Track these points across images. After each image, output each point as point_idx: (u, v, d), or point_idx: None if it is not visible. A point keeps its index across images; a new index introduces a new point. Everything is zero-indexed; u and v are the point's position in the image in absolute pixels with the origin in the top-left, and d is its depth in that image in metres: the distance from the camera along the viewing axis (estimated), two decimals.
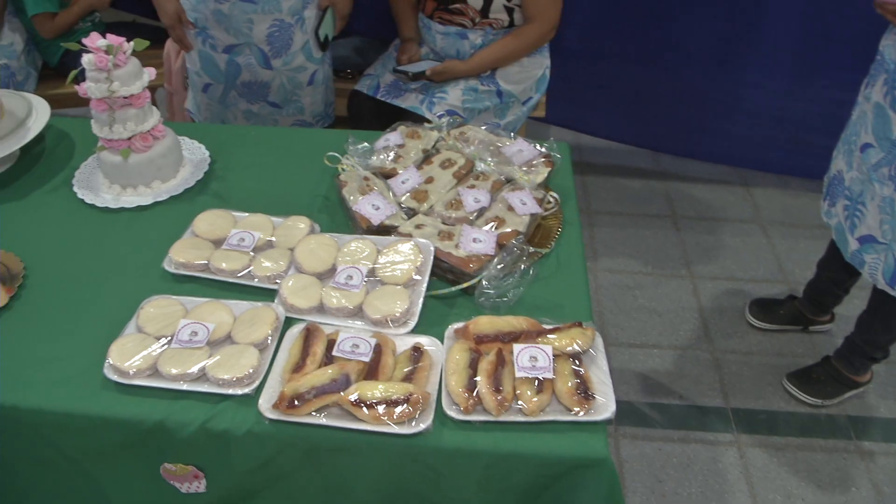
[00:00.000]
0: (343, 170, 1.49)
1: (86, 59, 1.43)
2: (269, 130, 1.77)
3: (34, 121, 1.67)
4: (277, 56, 2.13)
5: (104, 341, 1.20)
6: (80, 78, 1.48)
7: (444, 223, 1.36)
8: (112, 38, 1.43)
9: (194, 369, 1.13)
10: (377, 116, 2.42)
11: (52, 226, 1.51)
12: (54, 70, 2.98)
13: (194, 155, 1.65)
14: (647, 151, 3.22)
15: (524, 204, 1.39)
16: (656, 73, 2.85)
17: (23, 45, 2.88)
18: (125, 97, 1.45)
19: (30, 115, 1.67)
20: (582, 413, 1.08)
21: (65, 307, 1.31)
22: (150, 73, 1.50)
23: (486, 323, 1.18)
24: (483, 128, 1.59)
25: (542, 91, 2.51)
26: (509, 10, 2.25)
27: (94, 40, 1.43)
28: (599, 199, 3.00)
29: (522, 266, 1.26)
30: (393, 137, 1.56)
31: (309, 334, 1.16)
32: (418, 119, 2.23)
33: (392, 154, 1.52)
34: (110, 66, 1.42)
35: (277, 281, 1.28)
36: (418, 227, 1.34)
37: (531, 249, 1.29)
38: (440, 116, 2.23)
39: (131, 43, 1.46)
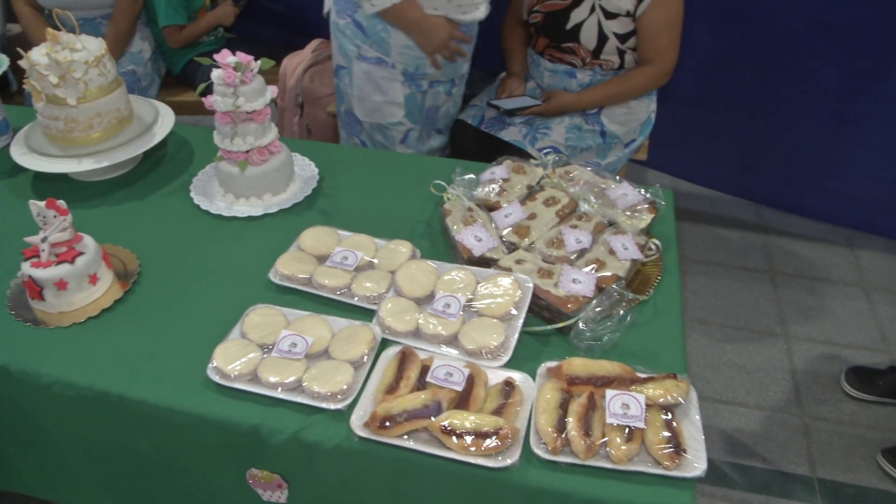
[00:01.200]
0: (448, 199, 1.51)
1: (215, 73, 1.51)
2: (377, 153, 1.82)
3: (159, 127, 1.76)
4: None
5: (208, 342, 1.25)
6: (208, 91, 1.56)
7: (544, 260, 1.37)
8: (241, 56, 1.51)
9: (291, 379, 1.16)
10: (479, 147, 2.45)
11: (168, 227, 1.59)
12: (176, 78, 3.15)
13: (304, 171, 1.71)
14: (747, 202, 3.14)
15: (626, 249, 1.37)
16: (766, 124, 2.78)
17: (150, 53, 3.05)
18: (248, 112, 1.52)
19: (156, 121, 1.77)
20: (671, 468, 1.06)
21: (174, 305, 1.38)
22: (272, 91, 1.57)
23: (579, 365, 1.17)
24: (588, 168, 1.58)
25: (646, 134, 2.49)
26: (621, 53, 2.25)
27: (225, 57, 1.51)
28: (694, 246, 2.94)
29: (621, 311, 1.25)
30: (499, 171, 1.58)
31: (404, 358, 1.18)
32: (520, 153, 2.25)
33: (497, 187, 1.54)
34: (237, 82, 1.49)
35: (376, 301, 1.31)
36: (518, 262, 1.35)
37: (630, 296, 1.28)
38: (543, 152, 2.24)
39: (258, 62, 1.53)
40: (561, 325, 1.26)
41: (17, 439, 1.42)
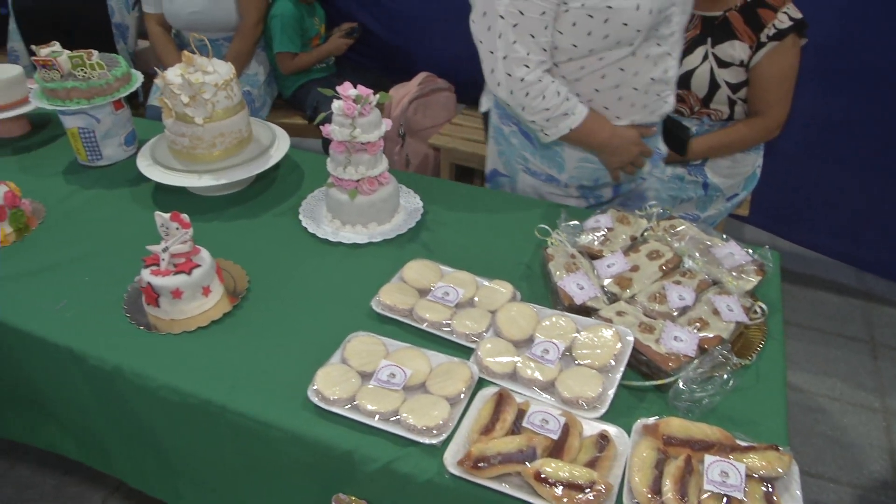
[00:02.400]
0: (551, 244, 1.52)
1: (336, 104, 1.57)
2: (481, 190, 1.84)
3: (275, 149, 1.84)
4: None
5: (309, 363, 1.29)
6: (326, 120, 1.62)
7: (645, 314, 1.35)
8: (361, 90, 1.56)
9: (388, 410, 1.18)
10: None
11: (276, 247, 1.65)
12: (286, 101, 3.28)
13: (409, 203, 1.75)
14: (850, 267, 3.02)
15: (731, 310, 1.35)
16: (877, 188, 2.68)
17: (264, 76, 3.19)
18: (363, 143, 1.57)
19: (272, 143, 1.85)
20: None
21: (278, 324, 1.43)
22: (387, 124, 1.62)
23: (677, 425, 1.15)
24: (694, 224, 1.56)
25: (750, 189, 2.44)
26: (731, 103, 2.23)
27: (347, 89, 1.56)
28: (790, 308, 2.84)
29: (724, 375, 1.22)
30: (603, 219, 1.58)
31: (501, 400, 1.18)
32: None
33: (601, 236, 1.54)
34: (356, 114, 1.54)
35: (475, 340, 1.32)
36: (619, 313, 1.34)
37: (735, 360, 1.25)
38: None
39: (377, 95, 1.58)
40: (660, 382, 1.24)
41: (121, 431, 1.49)
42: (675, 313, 1.35)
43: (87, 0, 3.13)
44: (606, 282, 1.43)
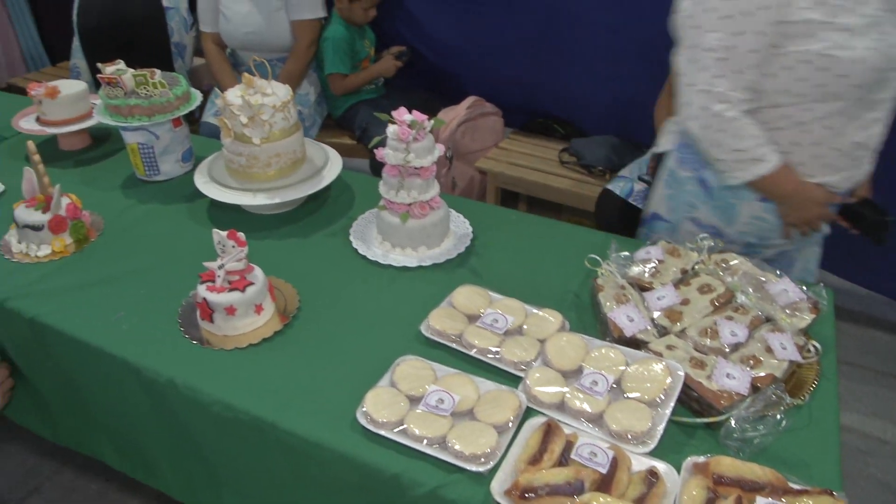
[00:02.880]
0: (601, 274, 1.52)
1: (391, 129, 1.59)
2: (530, 217, 1.85)
3: (328, 170, 1.87)
4: None
5: (358, 384, 1.30)
6: (381, 144, 1.64)
7: (696, 349, 1.34)
8: (416, 115, 1.58)
9: (437, 435, 1.19)
10: (624, 218, 2.44)
11: (327, 267, 1.67)
12: (336, 121, 3.33)
13: (459, 228, 1.76)
14: None
15: (784, 348, 1.33)
16: None
17: (315, 96, 3.24)
18: (416, 168, 1.59)
19: (325, 165, 1.88)
20: None
21: (328, 344, 1.44)
22: (440, 150, 1.63)
23: (728, 465, 1.14)
24: (749, 259, 1.55)
25: None
26: None
27: (402, 114, 1.58)
28: (843, 346, 2.76)
29: (778, 416, 1.20)
30: (654, 251, 1.57)
31: (549, 430, 1.18)
32: None
33: (651, 268, 1.53)
34: (410, 139, 1.56)
35: (523, 368, 1.32)
36: (669, 347, 1.33)
37: (788, 399, 1.23)
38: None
39: (431, 121, 1.60)
40: (711, 420, 1.23)
41: (169, 442, 1.52)
42: (727, 349, 1.34)
43: (149, 21, 3.23)
44: (656, 314, 1.42)
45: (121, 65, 1.99)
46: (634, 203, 2.36)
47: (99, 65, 1.98)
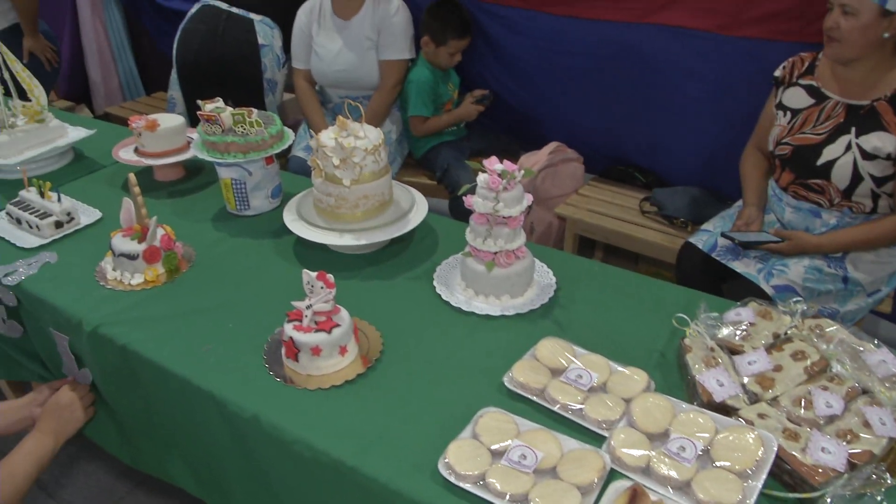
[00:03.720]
0: (690, 334, 1.49)
1: (481, 177, 1.61)
2: (614, 270, 1.83)
3: (414, 214, 1.89)
4: None
5: (439, 434, 1.30)
6: (470, 191, 1.66)
7: (789, 419, 1.29)
8: (507, 165, 1.59)
9: (519, 492, 1.17)
10: (706, 273, 2.39)
11: (410, 311, 1.68)
12: (417, 161, 3.38)
13: (542, 278, 1.75)
14: None
15: (883, 424, 1.27)
16: None
17: (397, 135, 3.31)
18: (504, 217, 1.59)
19: (412, 208, 1.91)
20: None
21: (409, 389, 1.45)
22: (528, 200, 1.64)
23: None
24: (845, 327, 1.49)
25: (893, 286, 2.32)
26: (875, 196, 2.13)
27: (493, 164, 1.60)
28: None
29: (878, 497, 1.15)
30: (744, 313, 1.53)
31: (635, 496, 1.15)
32: (752, 286, 2.17)
33: (742, 330, 1.49)
34: (500, 188, 1.57)
35: (608, 428, 1.30)
36: (761, 416, 1.29)
37: (890, 480, 1.17)
38: (776, 290, 2.15)
39: (522, 171, 1.61)
40: (805, 496, 1.18)
41: (248, 475, 1.53)
42: (822, 421, 1.29)
43: (244, 58, 3.36)
44: (746, 380, 1.38)
45: (219, 103, 2.07)
46: (718, 258, 2.32)
47: (199, 102, 2.06)
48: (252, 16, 3.39)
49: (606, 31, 2.95)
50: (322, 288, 1.47)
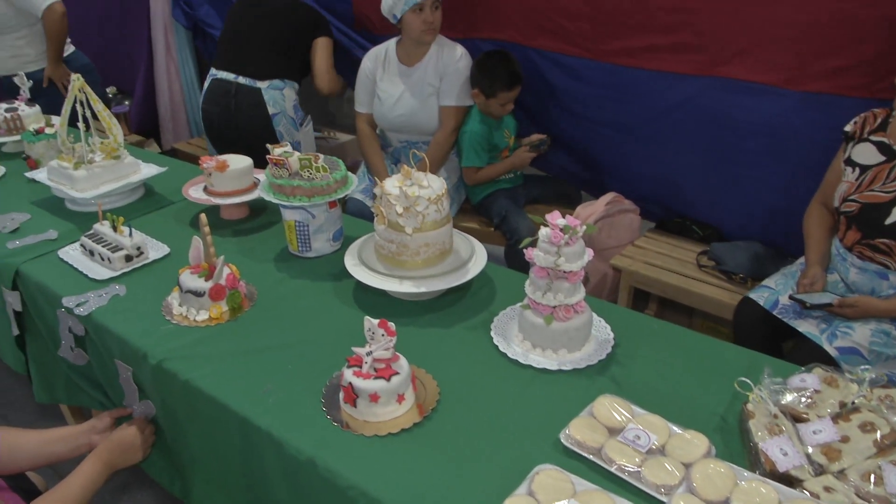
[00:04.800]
0: (752, 400, 1.46)
1: (543, 231, 1.62)
2: (673, 328, 1.80)
3: (473, 263, 1.91)
4: None
5: (495, 488, 1.30)
6: (531, 244, 1.67)
7: (857, 495, 1.25)
8: (570, 220, 1.60)
9: None
10: (765, 330, 2.35)
11: (466, 361, 1.69)
12: (473, 207, 3.41)
13: (600, 333, 1.75)
14: None
15: None
16: None
17: (454, 181, 3.35)
18: (565, 271, 1.60)
19: (471, 257, 1.92)
20: None
21: (466, 442, 1.45)
22: (589, 254, 1.64)
23: None
24: None
25: None
26: None
27: (555, 218, 1.61)
28: None
29: None
30: (809, 380, 1.50)
31: None
32: (814, 347, 2.12)
33: (807, 398, 1.45)
34: (562, 243, 1.58)
35: (666, 493, 1.28)
36: (827, 489, 1.25)
37: None
38: (840, 352, 2.09)
39: (584, 226, 1.61)
40: None
41: None
42: (894, 500, 1.24)
43: (258, 129, 3.46)
44: (812, 450, 1.35)
45: (287, 147, 2.13)
46: (780, 316, 2.27)
47: (268, 146, 2.13)
48: (258, 84, 3.45)
49: (668, 83, 2.96)
50: (383, 335, 1.49)
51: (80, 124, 2.45)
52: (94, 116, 2.47)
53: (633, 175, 3.23)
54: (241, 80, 3.44)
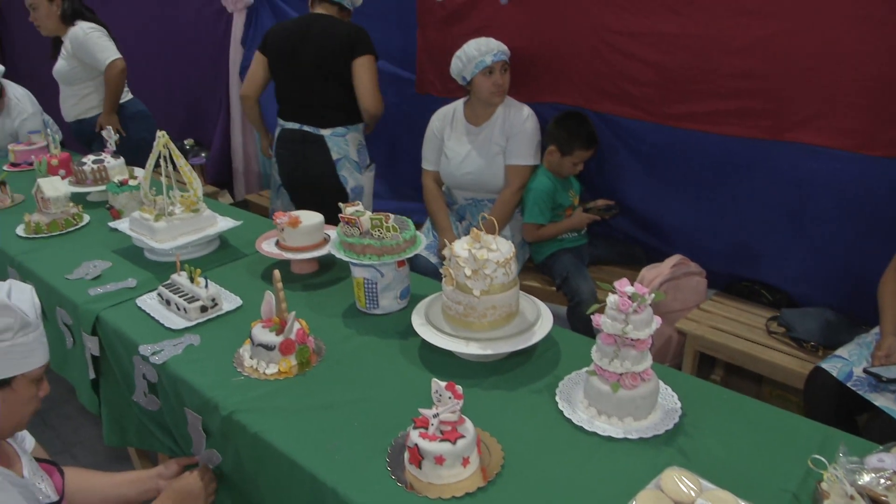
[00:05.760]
0: (827, 478, 1.42)
1: (611, 299, 1.62)
2: (743, 399, 1.77)
3: (539, 326, 1.92)
4: None
5: None
6: (599, 310, 1.67)
7: None
8: (638, 287, 1.61)
9: None
10: (839, 403, 2.28)
11: (531, 425, 1.69)
12: (536, 266, 3.43)
13: (667, 402, 1.73)
14: None
15: None
16: None
17: (519, 239, 3.37)
18: (632, 339, 1.60)
19: (537, 320, 1.93)
20: None
21: None
22: (657, 322, 1.64)
23: None
24: None
25: None
26: None
27: (624, 285, 1.61)
28: None
29: None
30: (888, 460, 1.44)
31: None
32: (890, 421, 2.05)
33: (885, 479, 1.41)
34: (630, 311, 1.58)
35: None
36: None
37: None
38: None
39: (652, 294, 1.61)
40: None
41: None
42: None
43: (325, 175, 3.54)
44: None
45: (359, 206, 2.20)
46: (854, 388, 2.20)
47: (340, 205, 2.20)
48: (322, 131, 3.49)
49: (734, 146, 2.95)
50: (450, 398, 1.51)
51: (163, 178, 2.57)
52: (175, 167, 2.59)
53: (698, 238, 3.21)
54: (307, 128, 3.52)
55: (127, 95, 4.39)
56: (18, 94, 4.58)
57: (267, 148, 3.88)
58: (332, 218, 2.35)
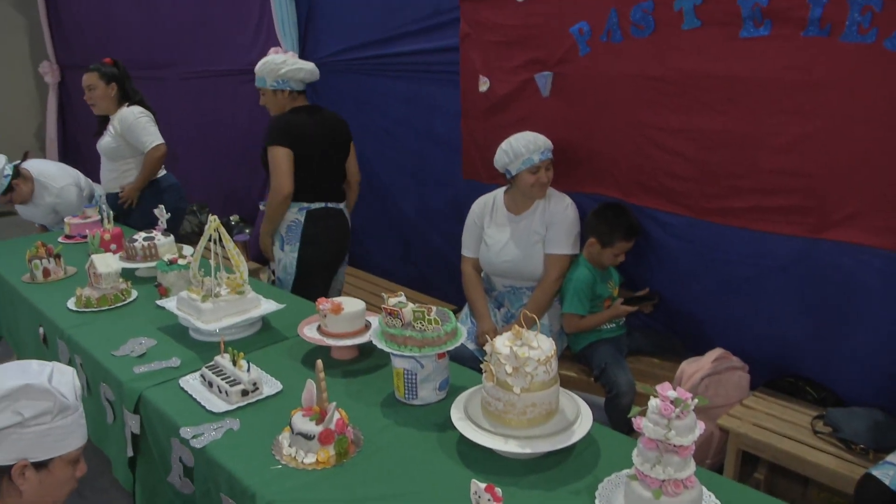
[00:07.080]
0: None
1: (653, 402, 1.61)
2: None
3: (578, 426, 1.90)
4: None
5: None
6: (640, 413, 1.66)
7: None
8: (681, 393, 1.59)
9: None
10: None
11: None
12: (574, 356, 3.41)
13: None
14: None
15: None
16: None
17: (557, 328, 3.37)
18: (675, 445, 1.58)
19: (577, 419, 1.92)
20: None
21: None
22: (700, 427, 1.62)
23: None
24: None
25: None
26: None
27: (666, 389, 1.61)
28: None
29: None
30: None
31: None
32: None
33: None
34: (673, 416, 1.57)
35: None
36: None
37: None
38: None
39: (695, 400, 1.60)
40: None
41: None
42: None
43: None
44: None
45: (402, 297, 2.23)
46: None
47: (383, 294, 2.23)
48: (340, 205, 3.80)
49: (773, 243, 2.95)
50: (489, 501, 1.50)
51: (212, 261, 2.64)
52: (221, 244, 2.66)
53: (740, 332, 3.17)
54: (330, 204, 3.71)
55: (161, 171, 4.68)
56: (47, 172, 4.83)
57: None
58: None
